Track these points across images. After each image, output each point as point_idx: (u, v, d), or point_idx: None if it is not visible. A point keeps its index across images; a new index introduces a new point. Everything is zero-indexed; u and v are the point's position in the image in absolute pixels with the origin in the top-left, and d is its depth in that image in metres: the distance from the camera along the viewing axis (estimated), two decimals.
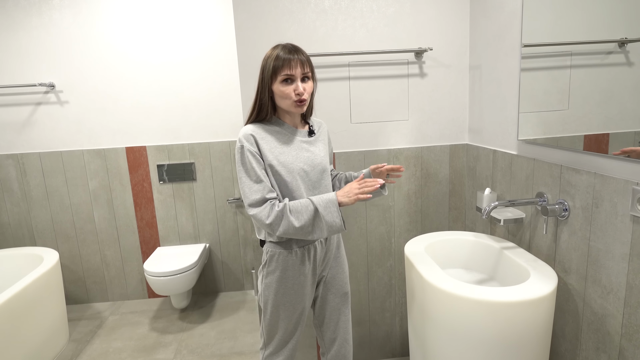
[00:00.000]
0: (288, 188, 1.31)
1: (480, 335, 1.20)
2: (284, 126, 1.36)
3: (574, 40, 1.23)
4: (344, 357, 1.57)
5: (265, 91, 1.30)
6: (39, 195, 2.78)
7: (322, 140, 1.43)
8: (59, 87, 2.67)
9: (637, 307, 1.06)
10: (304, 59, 1.27)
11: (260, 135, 1.30)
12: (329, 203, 1.25)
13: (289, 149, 1.33)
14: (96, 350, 2.38)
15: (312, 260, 1.39)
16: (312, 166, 1.34)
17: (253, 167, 1.27)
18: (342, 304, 1.52)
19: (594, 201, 1.17)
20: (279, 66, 1.24)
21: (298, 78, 1.26)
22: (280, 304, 1.38)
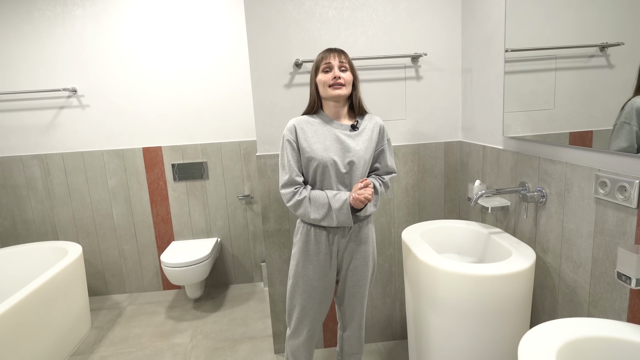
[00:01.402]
0: (318, 174, 1.50)
1: (467, 307, 1.36)
2: (325, 118, 1.55)
3: (558, 45, 1.34)
4: (358, 339, 1.73)
5: (313, 85, 1.52)
6: (61, 193, 2.97)
7: (366, 137, 1.53)
8: (80, 92, 2.86)
9: (600, 277, 1.22)
10: (341, 52, 1.49)
11: (301, 126, 1.52)
12: (344, 205, 1.45)
13: (325, 139, 1.50)
14: (117, 336, 2.55)
15: (331, 240, 1.54)
16: (342, 158, 1.49)
17: (287, 154, 1.51)
18: (360, 295, 1.63)
19: (566, 187, 1.34)
20: (320, 59, 1.49)
21: (335, 66, 1.47)
22: (300, 275, 1.56)
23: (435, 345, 1.49)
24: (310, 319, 1.60)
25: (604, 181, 1.17)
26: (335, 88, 1.47)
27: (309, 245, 1.55)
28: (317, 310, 1.59)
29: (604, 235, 1.19)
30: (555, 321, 1.02)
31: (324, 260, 1.55)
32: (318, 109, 1.56)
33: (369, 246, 1.59)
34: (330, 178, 1.49)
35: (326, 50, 1.51)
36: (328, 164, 1.48)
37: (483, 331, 1.37)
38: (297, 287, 1.58)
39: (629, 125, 1.13)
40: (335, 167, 1.49)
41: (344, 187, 1.51)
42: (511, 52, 1.63)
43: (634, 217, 1.08)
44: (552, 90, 1.40)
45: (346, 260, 1.59)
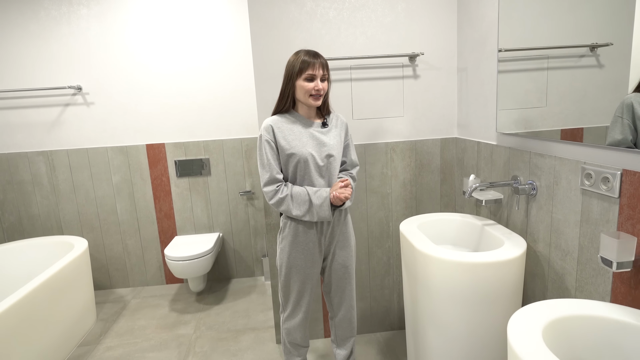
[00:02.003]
0: (298, 169, 1.60)
1: (462, 293, 1.44)
2: (299, 118, 1.64)
3: (550, 45, 1.40)
4: (350, 321, 1.82)
5: (289, 86, 1.59)
6: (66, 189, 3.04)
7: (336, 133, 1.68)
8: (85, 89, 2.92)
9: (585, 263, 1.30)
10: (324, 63, 1.57)
11: (278, 125, 1.60)
12: (324, 202, 1.56)
13: (301, 136, 1.61)
14: (122, 328, 2.62)
15: (319, 229, 1.67)
16: (319, 151, 1.61)
17: (266, 153, 1.58)
18: (347, 274, 1.76)
19: (555, 179, 1.42)
20: (305, 67, 1.53)
21: (318, 77, 1.55)
22: (293, 265, 1.66)
23: (432, 330, 1.56)
24: (306, 301, 1.73)
25: (589, 173, 1.24)
26: (315, 98, 1.57)
27: (298, 238, 1.65)
28: (310, 292, 1.73)
29: (589, 223, 1.27)
30: (542, 302, 1.10)
31: (313, 248, 1.67)
32: (290, 108, 1.65)
33: (349, 228, 1.75)
34: (310, 172, 1.61)
35: (311, 57, 1.54)
36: (308, 158, 1.59)
37: (477, 316, 1.45)
38: (291, 276, 1.69)
39: (622, 119, 1.21)
40: (314, 161, 1.60)
41: (322, 180, 1.63)
42: (504, 52, 1.70)
43: (616, 206, 1.16)
44: (544, 89, 1.45)
45: (332, 244, 1.72)
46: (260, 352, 2.27)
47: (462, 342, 1.49)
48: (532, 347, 0.92)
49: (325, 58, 1.59)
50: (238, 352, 2.28)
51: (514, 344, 0.93)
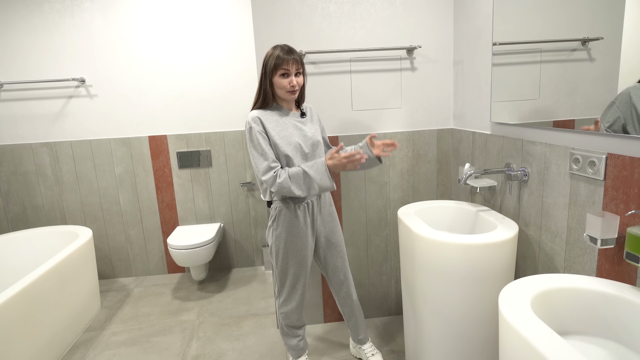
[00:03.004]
0: (288, 157, 1.67)
1: (457, 274, 1.52)
2: (282, 110, 1.73)
3: (543, 39, 1.45)
4: (351, 295, 1.95)
5: (267, 82, 1.65)
6: (70, 179, 3.09)
7: (312, 121, 1.80)
8: (89, 82, 2.97)
9: (573, 244, 1.38)
10: (297, 58, 1.64)
11: (264, 117, 1.66)
12: (320, 167, 1.61)
13: (287, 127, 1.69)
14: (127, 315, 2.69)
15: (311, 213, 1.77)
16: (304, 140, 1.71)
17: (260, 143, 1.63)
18: (341, 251, 1.88)
19: (545, 165, 1.49)
20: (279, 64, 1.60)
21: (292, 73, 1.63)
22: (289, 250, 1.75)
23: (428, 311, 1.64)
24: (301, 284, 1.83)
25: (577, 158, 1.32)
26: (291, 93, 1.66)
27: (292, 222, 1.73)
28: (305, 275, 1.83)
29: (577, 206, 1.35)
30: (531, 276, 1.17)
31: (306, 230, 1.76)
32: (272, 102, 1.71)
33: (332, 206, 1.88)
34: (297, 157, 1.69)
35: (284, 53, 1.60)
36: (294, 148, 1.68)
37: (471, 295, 1.53)
38: (288, 260, 1.77)
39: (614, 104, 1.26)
40: (301, 150, 1.70)
41: None
42: (499, 45, 1.77)
43: (601, 188, 1.24)
44: (537, 82, 1.51)
45: (323, 224, 1.83)
46: (262, 336, 2.34)
47: (457, 320, 1.57)
48: (522, 315, 0.99)
49: (298, 54, 1.65)
50: (240, 337, 2.35)
51: (505, 313, 1.01)
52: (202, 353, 2.21)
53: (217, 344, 2.29)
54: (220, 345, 2.27)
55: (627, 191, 1.15)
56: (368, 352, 2.01)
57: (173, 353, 2.23)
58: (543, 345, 0.88)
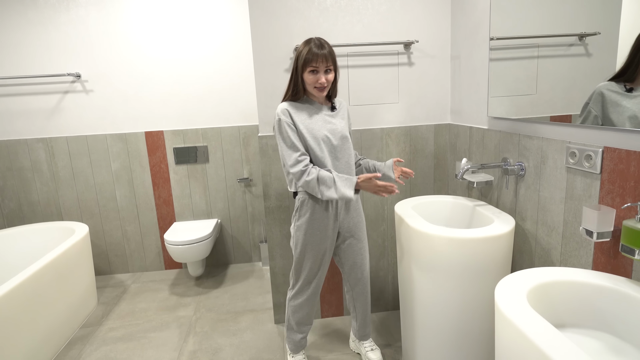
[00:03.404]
0: (314, 151, 1.67)
1: (453, 268, 1.52)
2: (312, 103, 1.72)
3: (540, 34, 1.45)
4: (366, 292, 1.95)
5: (299, 77, 1.65)
6: (66, 175, 3.07)
7: (342, 115, 1.78)
8: (84, 77, 2.96)
9: (569, 238, 1.38)
10: (327, 54, 1.60)
11: (293, 110, 1.67)
12: (350, 182, 1.62)
13: (316, 120, 1.69)
14: (124, 310, 2.68)
15: (335, 206, 1.75)
16: (333, 134, 1.70)
17: (288, 135, 1.64)
18: (362, 248, 1.87)
19: (542, 159, 1.49)
20: (309, 60, 1.59)
21: (322, 71, 1.61)
22: (308, 242, 1.74)
23: (425, 305, 1.64)
24: (316, 281, 1.82)
25: (574, 152, 1.32)
26: (319, 90, 1.65)
27: (315, 215, 1.72)
28: (322, 270, 1.82)
29: (573, 200, 1.35)
30: (527, 269, 1.18)
31: (328, 225, 1.75)
32: (302, 95, 1.71)
33: (360, 204, 1.86)
34: (327, 154, 1.68)
35: (315, 48, 1.58)
36: (321, 141, 1.67)
37: (467, 289, 1.53)
38: (306, 252, 1.77)
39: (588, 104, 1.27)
40: (330, 143, 1.69)
41: (338, 162, 1.71)
42: (496, 40, 1.77)
43: (597, 182, 1.24)
44: (535, 77, 1.51)
45: (347, 220, 1.80)
46: (259, 331, 2.34)
47: (454, 314, 1.58)
48: (518, 308, 1.00)
49: (330, 47, 1.63)
50: (238, 332, 2.35)
51: (501, 306, 1.01)
52: (199, 348, 2.21)
53: (214, 339, 2.29)
54: (217, 341, 2.27)
55: (623, 184, 1.15)
56: (367, 347, 2.02)
57: (170, 348, 2.23)
58: (539, 338, 0.88)
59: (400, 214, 1.77)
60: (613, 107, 1.18)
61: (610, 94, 1.19)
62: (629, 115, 1.14)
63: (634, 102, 1.12)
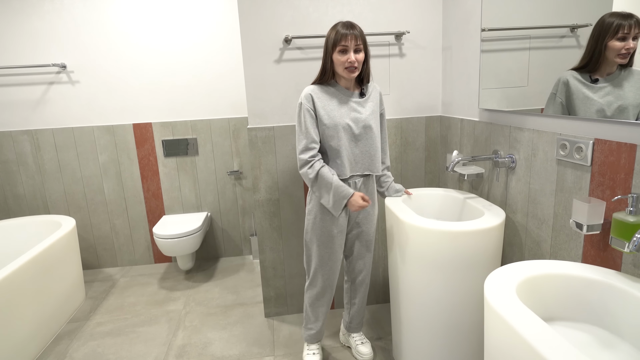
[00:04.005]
0: (329, 139, 1.66)
1: (443, 260, 1.51)
2: (339, 88, 1.70)
3: (532, 25, 1.43)
4: (366, 285, 1.95)
5: (328, 59, 1.63)
6: (52, 168, 3.01)
7: (372, 102, 1.73)
8: (70, 67, 2.89)
9: (559, 230, 1.38)
10: (357, 34, 1.58)
11: (317, 95, 1.65)
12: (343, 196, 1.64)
13: (340, 107, 1.67)
14: (112, 305, 2.65)
15: None
16: (356, 122, 1.67)
17: (305, 121, 1.64)
18: (369, 240, 1.85)
19: (533, 152, 1.48)
20: (338, 39, 1.57)
21: (351, 50, 1.58)
22: (317, 226, 1.74)
23: (415, 298, 1.63)
24: (329, 268, 1.79)
25: (564, 144, 1.31)
26: (350, 71, 1.61)
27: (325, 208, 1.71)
28: (333, 259, 1.78)
29: (563, 192, 1.34)
30: (517, 263, 1.17)
31: (338, 217, 1.73)
32: (331, 79, 1.69)
33: (375, 197, 1.83)
34: (347, 142, 1.67)
35: (344, 28, 1.57)
36: (341, 128, 1.65)
37: (458, 282, 1.52)
38: (314, 239, 1.76)
39: (555, 95, 1.27)
40: (351, 131, 1.66)
41: (358, 150, 1.69)
42: (488, 31, 1.74)
43: (588, 174, 1.23)
44: (526, 69, 1.49)
45: (358, 215, 1.79)
46: (250, 325, 2.33)
47: (444, 307, 1.57)
48: (507, 301, 0.99)
49: (360, 28, 1.60)
50: (227, 326, 2.33)
51: (490, 299, 1.00)
52: (188, 343, 2.19)
53: (203, 333, 2.27)
54: (206, 335, 2.25)
55: (614, 177, 1.14)
56: (358, 340, 2.01)
57: (159, 343, 2.20)
58: (528, 332, 0.87)
59: (390, 207, 1.75)
60: (579, 98, 1.19)
61: (576, 84, 1.19)
62: (597, 108, 1.14)
63: (600, 94, 1.13)
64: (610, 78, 1.12)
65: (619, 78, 1.10)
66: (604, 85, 1.13)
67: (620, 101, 1.09)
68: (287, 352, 2.06)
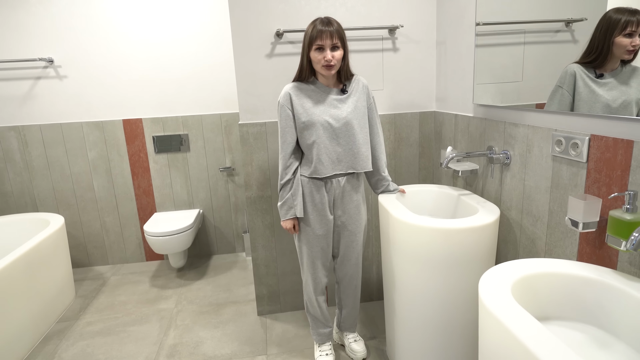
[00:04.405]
0: (309, 135, 1.64)
1: (438, 258, 1.48)
2: (318, 85, 1.67)
3: (527, 19, 1.41)
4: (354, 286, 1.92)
5: (305, 57, 1.60)
6: (40, 165, 2.96)
7: (355, 98, 1.69)
8: (57, 62, 2.82)
9: (554, 227, 1.36)
10: (333, 31, 1.54)
11: (295, 93, 1.64)
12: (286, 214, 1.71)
13: (318, 104, 1.64)
14: (103, 304, 2.61)
15: (328, 189, 1.71)
16: (336, 120, 1.64)
17: (281, 119, 1.66)
18: (354, 240, 1.80)
19: (527, 148, 1.46)
20: (314, 37, 1.54)
21: (327, 48, 1.55)
22: (302, 228, 1.74)
23: (410, 296, 1.61)
24: (318, 266, 1.79)
25: (560, 140, 1.29)
26: (327, 68, 1.58)
27: (307, 198, 1.70)
28: (321, 257, 1.78)
29: (559, 189, 1.32)
30: (511, 261, 1.15)
31: (322, 208, 1.71)
32: (310, 76, 1.67)
33: (359, 196, 1.78)
34: (327, 140, 1.64)
35: (320, 25, 1.54)
36: (320, 126, 1.63)
37: (452, 280, 1.50)
38: (302, 239, 1.76)
39: (562, 89, 1.25)
40: (330, 128, 1.63)
41: (340, 147, 1.66)
42: (482, 25, 1.72)
43: (583, 171, 1.21)
44: (521, 64, 1.47)
45: (342, 210, 1.76)
46: (242, 323, 2.30)
47: (438, 305, 1.55)
48: (502, 301, 0.96)
49: (338, 24, 1.57)
50: (219, 325, 2.30)
51: (485, 300, 0.98)
52: (179, 342, 2.16)
53: (195, 332, 2.24)
54: (198, 334, 2.22)
55: (610, 173, 1.12)
56: (351, 338, 1.99)
57: (150, 342, 2.17)
58: (523, 333, 0.85)
59: (384, 204, 1.73)
60: (585, 92, 1.17)
61: (583, 77, 1.17)
62: (603, 104, 1.12)
63: (605, 89, 1.12)
64: (614, 73, 1.10)
65: (622, 73, 1.08)
66: (608, 81, 1.11)
67: (625, 96, 1.07)
68: (280, 351, 2.04)
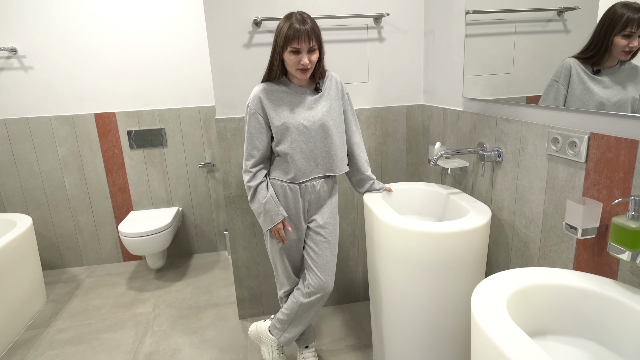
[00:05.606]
0: (284, 139, 1.52)
1: (427, 263, 1.39)
2: (291, 86, 1.53)
3: (518, 8, 1.34)
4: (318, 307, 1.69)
5: (277, 57, 1.46)
6: (6, 162, 2.78)
7: (330, 96, 1.57)
8: (21, 52, 2.64)
9: (549, 231, 1.28)
10: (310, 31, 1.39)
11: (266, 95, 1.50)
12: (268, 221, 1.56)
13: (291, 106, 1.51)
14: (75, 309, 2.47)
15: (302, 193, 1.59)
16: (311, 122, 1.52)
17: (251, 132, 1.53)
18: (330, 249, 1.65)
19: (521, 145, 1.37)
20: (290, 38, 1.38)
21: (304, 51, 1.41)
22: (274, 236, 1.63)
23: (396, 300, 1.52)
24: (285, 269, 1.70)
25: (556, 137, 1.20)
26: (302, 72, 1.45)
27: (281, 202, 1.59)
28: (294, 260, 1.71)
29: (554, 190, 1.24)
30: (506, 271, 1.06)
31: (296, 214, 1.61)
32: (281, 76, 1.54)
33: (333, 200, 1.68)
34: (302, 142, 1.52)
35: (297, 24, 1.38)
36: (295, 129, 1.51)
37: (441, 285, 1.41)
38: (274, 245, 1.65)
39: (557, 83, 1.17)
40: (306, 131, 1.52)
41: (317, 151, 1.55)
42: (472, 14, 1.62)
43: (582, 172, 1.12)
44: (511, 55, 1.41)
45: (314, 213, 1.65)
46: (222, 328, 2.20)
47: (426, 311, 1.46)
48: (496, 319, 0.87)
49: (314, 22, 1.43)
50: (199, 330, 2.19)
51: (478, 318, 0.89)
52: (155, 350, 2.05)
53: (173, 338, 2.13)
54: (176, 340, 2.11)
55: (611, 175, 1.03)
56: (308, 356, 1.86)
57: (124, 351, 2.05)
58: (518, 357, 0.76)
59: (368, 204, 1.63)
60: (580, 88, 1.10)
61: (579, 73, 1.10)
62: (597, 101, 1.05)
63: (600, 87, 1.05)
64: (611, 71, 1.03)
65: (620, 71, 1.01)
66: (605, 78, 1.04)
67: (621, 95, 1.00)
68: (261, 358, 1.94)
